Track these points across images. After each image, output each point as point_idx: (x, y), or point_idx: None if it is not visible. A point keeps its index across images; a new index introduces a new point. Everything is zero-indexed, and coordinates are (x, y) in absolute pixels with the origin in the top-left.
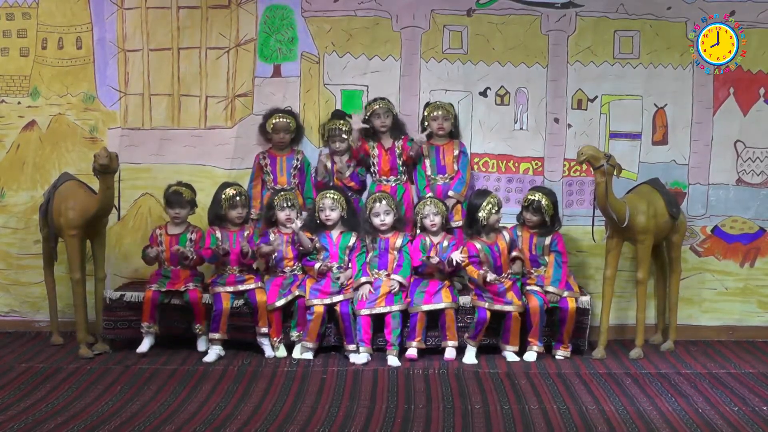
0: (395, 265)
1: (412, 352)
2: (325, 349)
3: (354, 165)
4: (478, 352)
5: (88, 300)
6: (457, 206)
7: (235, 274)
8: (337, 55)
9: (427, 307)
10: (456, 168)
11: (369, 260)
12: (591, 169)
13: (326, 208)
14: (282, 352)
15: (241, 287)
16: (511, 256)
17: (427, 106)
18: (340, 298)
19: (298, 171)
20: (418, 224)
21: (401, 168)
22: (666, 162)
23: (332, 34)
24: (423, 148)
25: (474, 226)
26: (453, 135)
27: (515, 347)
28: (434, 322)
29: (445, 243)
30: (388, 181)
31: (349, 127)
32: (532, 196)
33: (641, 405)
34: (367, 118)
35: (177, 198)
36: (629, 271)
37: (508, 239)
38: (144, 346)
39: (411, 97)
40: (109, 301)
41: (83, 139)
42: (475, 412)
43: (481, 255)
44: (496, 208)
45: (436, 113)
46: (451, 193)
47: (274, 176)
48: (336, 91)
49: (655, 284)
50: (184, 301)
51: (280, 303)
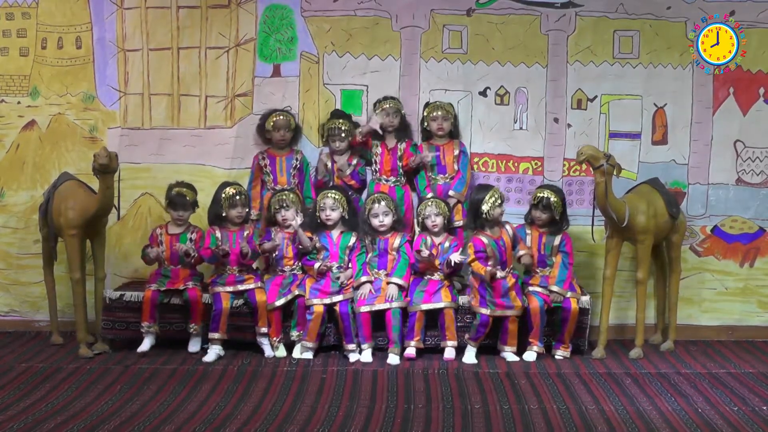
0: (393, 266)
1: (411, 352)
2: (324, 349)
3: (354, 164)
4: (477, 352)
5: (88, 300)
6: (458, 206)
7: (235, 274)
8: (337, 55)
9: (426, 307)
10: (456, 168)
11: (369, 260)
12: (591, 169)
13: (327, 208)
14: (281, 352)
15: (241, 287)
16: (519, 254)
17: (427, 106)
18: (339, 298)
19: (297, 171)
20: (420, 224)
21: (401, 170)
22: (666, 162)
23: (332, 34)
24: (425, 162)
25: (477, 220)
26: (453, 135)
27: (513, 347)
28: (434, 321)
29: (447, 244)
30: (388, 181)
31: (349, 126)
32: (540, 194)
33: (641, 405)
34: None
35: (181, 200)
36: (629, 271)
37: (511, 233)
38: (144, 346)
39: (411, 97)
40: (109, 301)
41: (83, 138)
42: (474, 412)
43: (489, 250)
44: (499, 201)
45: (436, 113)
46: (452, 193)
47: (274, 176)
48: (336, 91)
49: (655, 284)
50: (184, 300)
51: (280, 302)
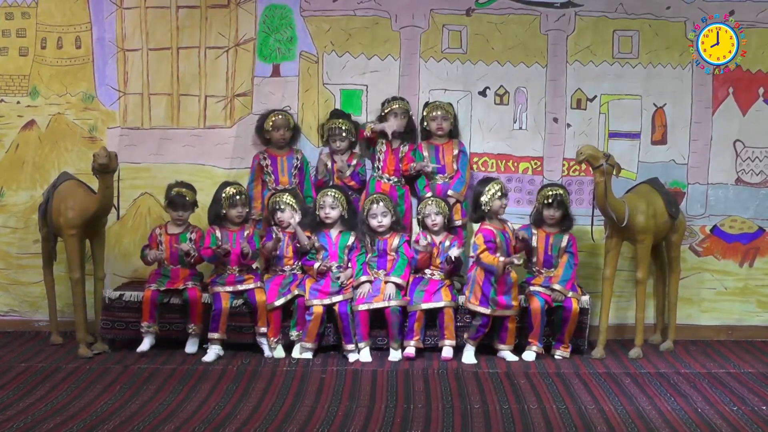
0: (392, 266)
1: (410, 352)
2: (324, 349)
3: (354, 164)
4: (476, 352)
5: (88, 299)
6: (457, 206)
7: (235, 274)
8: (336, 55)
9: (426, 306)
10: (455, 167)
11: (368, 260)
12: (590, 169)
13: (326, 206)
14: (279, 353)
15: (241, 287)
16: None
17: (427, 105)
18: (339, 299)
19: (297, 170)
20: (420, 223)
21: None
22: (665, 161)
23: (331, 34)
24: (425, 172)
25: (477, 211)
26: (452, 134)
27: (511, 346)
28: (433, 321)
29: (447, 243)
30: (389, 180)
31: (349, 126)
32: (552, 191)
33: (640, 404)
34: (383, 116)
35: (181, 200)
36: (629, 271)
37: (511, 229)
38: (144, 346)
39: (410, 97)
40: (109, 301)
41: (82, 138)
42: (474, 411)
43: (497, 240)
44: (499, 194)
45: (435, 113)
46: (451, 193)
47: (276, 176)
48: (335, 91)
49: (655, 284)
50: (183, 300)
51: (279, 302)
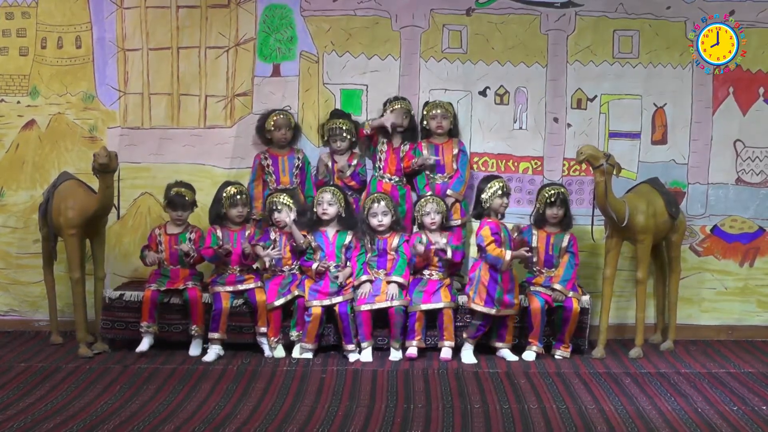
0: (392, 265)
1: (413, 352)
2: (324, 349)
3: (354, 164)
4: (477, 352)
5: (88, 299)
6: (456, 205)
7: (235, 274)
8: (337, 55)
9: (425, 307)
10: (455, 167)
11: (368, 260)
12: (590, 169)
13: (324, 202)
14: (280, 353)
15: (241, 287)
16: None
17: (426, 105)
18: (339, 299)
19: (299, 170)
20: (417, 222)
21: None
22: (665, 161)
23: (331, 34)
24: (427, 165)
25: (477, 208)
26: (452, 134)
27: (509, 344)
28: (433, 321)
29: (443, 240)
30: (391, 180)
31: (350, 125)
32: (554, 190)
33: (640, 404)
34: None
35: (180, 200)
36: (629, 271)
37: (511, 226)
38: (143, 346)
39: (410, 97)
40: (109, 301)
41: (83, 138)
42: (474, 411)
43: (502, 234)
44: (500, 192)
45: (435, 112)
46: (450, 192)
47: (277, 176)
48: (335, 91)
49: (655, 284)
50: (183, 300)
51: (279, 302)
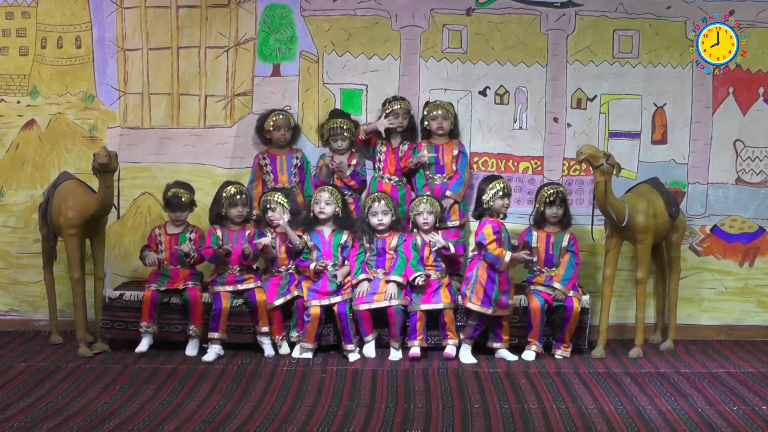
0: (391, 265)
1: (416, 351)
2: (324, 349)
3: (354, 164)
4: (477, 352)
5: (88, 299)
6: (455, 206)
7: (235, 274)
8: (337, 55)
9: (425, 307)
10: (455, 168)
11: (367, 259)
12: (590, 169)
13: (322, 201)
14: (285, 349)
15: (241, 287)
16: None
17: (427, 105)
18: (337, 299)
19: (298, 170)
20: (411, 221)
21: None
22: (665, 161)
23: (331, 34)
24: (423, 162)
25: (478, 208)
26: (453, 134)
27: (507, 344)
28: (434, 321)
29: (440, 239)
30: (390, 180)
31: (350, 125)
32: (553, 189)
33: (640, 404)
34: (383, 116)
35: (177, 201)
36: (629, 271)
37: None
38: (142, 346)
39: (410, 97)
40: (109, 300)
41: (83, 138)
42: (474, 411)
43: (503, 235)
44: (501, 193)
45: (436, 113)
46: (449, 193)
47: (275, 176)
48: (335, 90)
49: (655, 284)
50: (183, 300)
51: (279, 302)
